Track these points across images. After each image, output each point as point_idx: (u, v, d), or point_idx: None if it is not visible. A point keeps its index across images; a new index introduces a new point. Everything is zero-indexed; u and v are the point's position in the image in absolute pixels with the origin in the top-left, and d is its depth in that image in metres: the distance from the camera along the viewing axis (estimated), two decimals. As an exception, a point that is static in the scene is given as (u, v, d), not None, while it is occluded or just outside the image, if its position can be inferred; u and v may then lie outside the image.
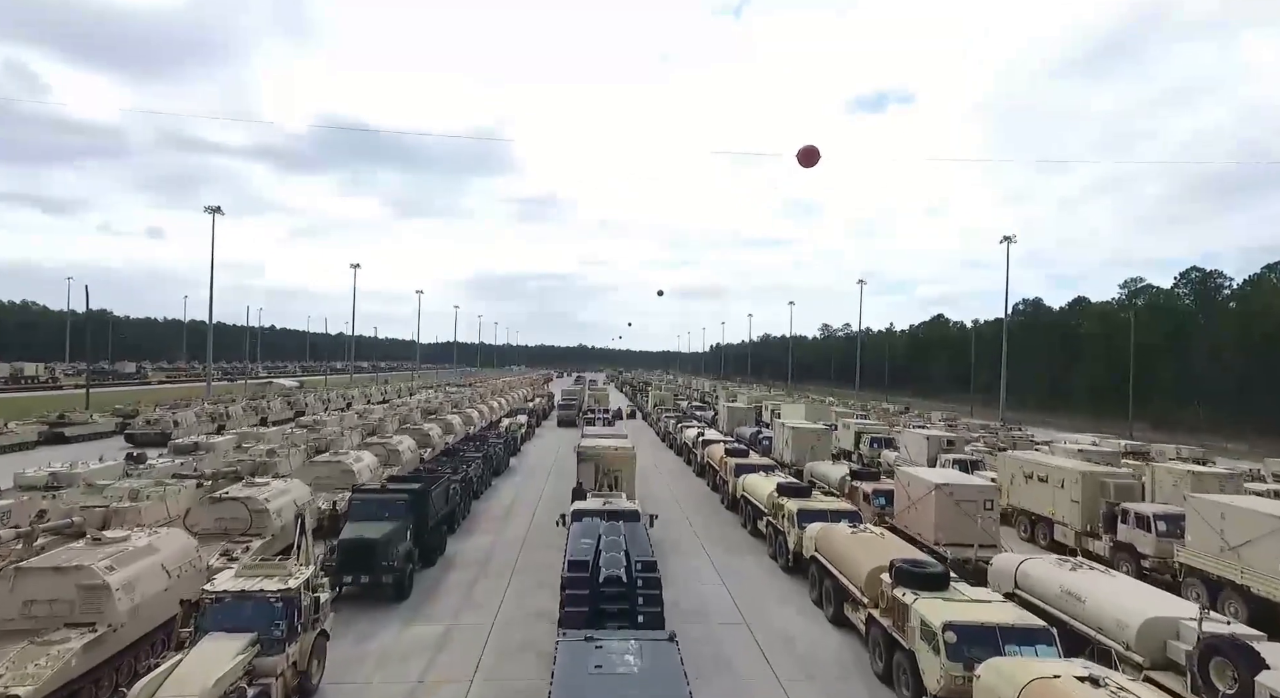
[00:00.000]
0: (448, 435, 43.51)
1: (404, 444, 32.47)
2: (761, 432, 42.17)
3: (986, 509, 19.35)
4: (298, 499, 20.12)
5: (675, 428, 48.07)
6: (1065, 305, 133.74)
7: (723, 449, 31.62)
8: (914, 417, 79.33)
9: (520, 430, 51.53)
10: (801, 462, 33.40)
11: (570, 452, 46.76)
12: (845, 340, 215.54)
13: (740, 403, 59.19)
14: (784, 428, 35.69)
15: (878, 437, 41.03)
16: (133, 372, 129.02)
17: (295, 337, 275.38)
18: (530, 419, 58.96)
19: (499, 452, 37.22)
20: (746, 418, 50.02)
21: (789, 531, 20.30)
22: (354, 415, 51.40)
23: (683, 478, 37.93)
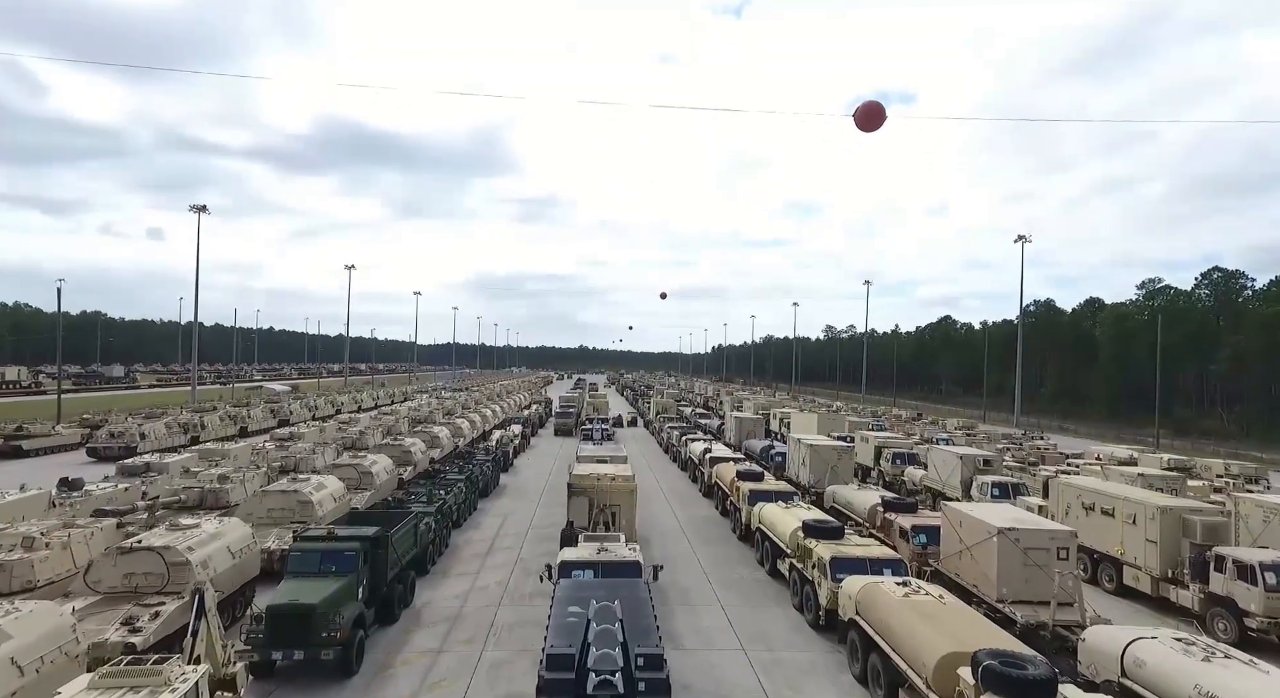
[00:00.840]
0: (433, 450, 40.22)
1: (379, 465, 29.13)
2: (774, 446, 38.82)
3: (1061, 559, 15.99)
4: (234, 545, 16.78)
5: (679, 440, 44.73)
6: (1078, 307, 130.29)
7: (734, 471, 28.27)
8: (927, 423, 76.01)
9: (515, 441, 48.28)
10: (821, 484, 30.05)
11: (566, 464, 43.53)
12: (849, 342, 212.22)
13: (748, 413, 55.84)
14: (800, 446, 32.32)
15: (900, 452, 37.65)
16: (120, 376, 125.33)
17: (295, 338, 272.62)
18: (525, 429, 55.68)
19: (487, 470, 33.93)
20: (755, 429, 46.68)
21: (819, 581, 16.96)
22: (334, 427, 48.06)
23: (689, 499, 34.58)
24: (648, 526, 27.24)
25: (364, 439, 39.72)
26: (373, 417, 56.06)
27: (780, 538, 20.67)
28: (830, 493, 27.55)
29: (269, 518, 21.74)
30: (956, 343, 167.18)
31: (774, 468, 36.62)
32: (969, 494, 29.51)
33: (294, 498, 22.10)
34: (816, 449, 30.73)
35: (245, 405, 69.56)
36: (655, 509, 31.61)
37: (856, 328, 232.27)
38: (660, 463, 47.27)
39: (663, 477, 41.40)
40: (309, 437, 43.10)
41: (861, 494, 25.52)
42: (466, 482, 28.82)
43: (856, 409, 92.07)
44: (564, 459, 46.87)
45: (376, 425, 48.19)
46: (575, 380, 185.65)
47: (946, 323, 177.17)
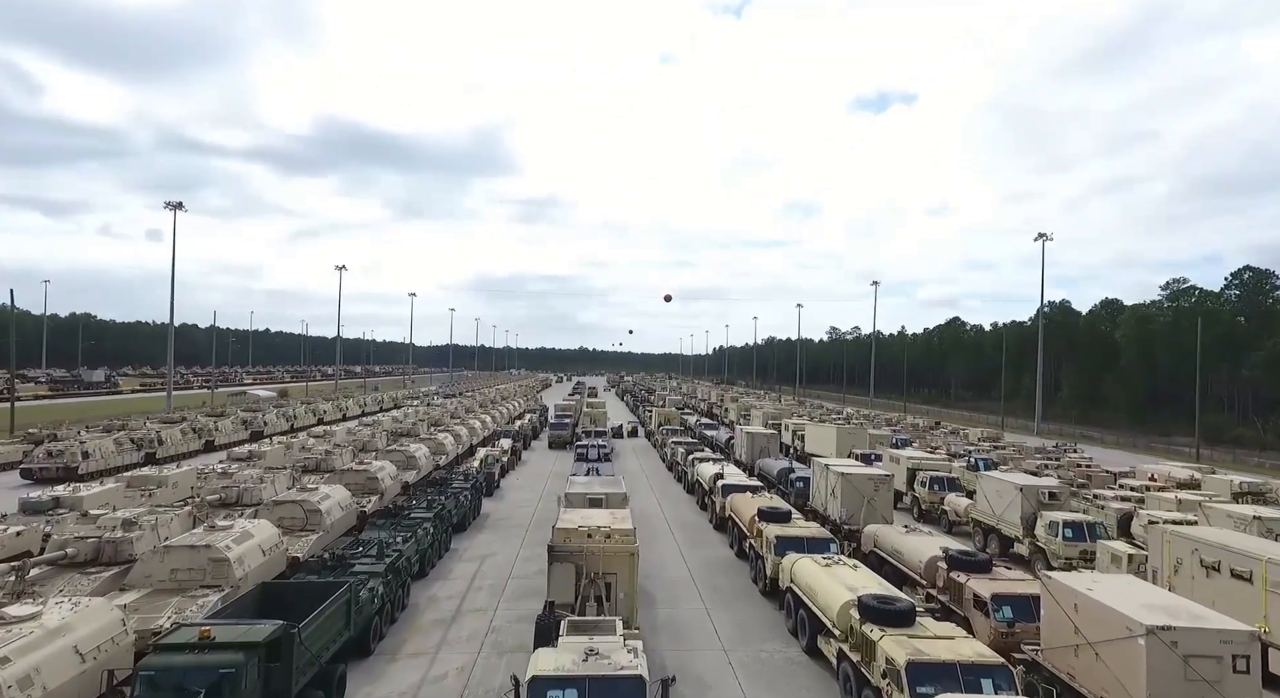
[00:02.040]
0: (408, 471, 35.58)
1: (331, 500, 24.48)
2: (794, 470, 34.14)
3: (1239, 672, 11.37)
4: (82, 644, 12.13)
5: (685, 458, 40.09)
6: (1095, 308, 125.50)
7: (754, 508, 23.66)
8: (948, 433, 71.35)
9: (503, 459, 43.67)
10: (855, 519, 25.43)
11: (561, 484, 38.81)
12: (854, 344, 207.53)
13: (759, 427, 51.16)
14: (828, 473, 27.67)
15: (939, 477, 33.01)
16: (101, 380, 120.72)
17: (291, 340, 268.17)
18: (516, 443, 51.03)
19: (465, 501, 29.28)
20: (769, 446, 42.02)
21: (890, 693, 12.34)
22: (299, 445, 43.38)
23: (699, 534, 29.92)
24: (652, 572, 22.64)
25: (329, 460, 35.09)
26: (350, 430, 51.44)
27: (823, 611, 16.05)
28: (870, 534, 22.90)
29: (172, 582, 17.10)
30: (966, 345, 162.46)
31: (794, 495, 32.01)
32: (1031, 533, 24.88)
33: (204, 555, 17.43)
34: (850, 479, 26.07)
35: (219, 415, 64.98)
36: (660, 548, 26.99)
37: (862, 329, 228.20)
38: (663, 482, 42.64)
39: (667, 501, 36.77)
40: (270, 457, 38.48)
41: (913, 541, 20.85)
42: (435, 520, 24.18)
43: (869, 416, 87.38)
44: (558, 478, 42.28)
45: (349, 442, 43.56)
46: (574, 384, 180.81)
47: (955, 324, 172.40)
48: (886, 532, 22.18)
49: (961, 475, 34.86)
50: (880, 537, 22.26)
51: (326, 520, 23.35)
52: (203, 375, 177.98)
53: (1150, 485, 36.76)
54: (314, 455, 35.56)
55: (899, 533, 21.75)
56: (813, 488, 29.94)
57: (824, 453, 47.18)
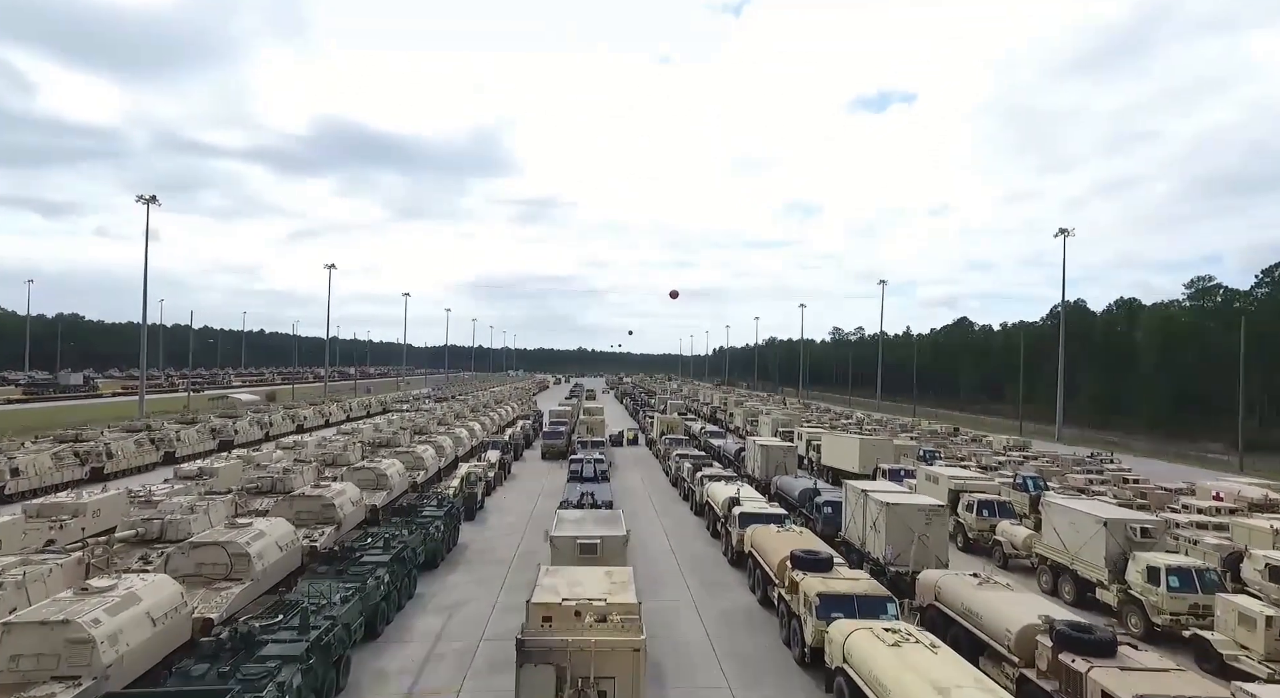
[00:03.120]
0: (377, 493, 31.14)
1: (264, 541, 19.93)
2: (820, 492, 29.62)
3: None
4: None
5: (692, 475, 35.65)
6: (1112, 307, 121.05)
7: (785, 550, 19.21)
8: (969, 440, 66.92)
9: (489, 475, 39.22)
10: (903, 560, 21.00)
11: (554, 502, 34.42)
12: (859, 345, 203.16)
13: (773, 438, 46.65)
14: (867, 502, 23.21)
15: (988, 501, 28.53)
16: (79, 383, 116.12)
17: (287, 341, 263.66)
18: (506, 454, 46.54)
19: (437, 533, 24.80)
20: (786, 460, 37.52)
21: None
22: (258, 461, 38.87)
23: (715, 573, 25.42)
24: (659, 631, 18.10)
25: (286, 481, 30.59)
26: (323, 441, 46.95)
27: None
28: (929, 584, 18.42)
29: (11, 675, 12.65)
30: (975, 347, 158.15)
31: (820, 522, 27.57)
32: (1121, 578, 20.43)
33: (59, 635, 12.96)
34: (897, 511, 21.62)
35: (190, 422, 60.50)
36: (668, 592, 22.54)
37: (866, 329, 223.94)
38: (666, 500, 38.15)
39: (672, 524, 32.28)
40: (223, 475, 33.96)
41: (994, 600, 16.34)
42: (393, 564, 19.70)
43: (883, 421, 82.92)
44: (550, 496, 37.80)
45: (317, 456, 39.09)
46: (572, 386, 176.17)
47: (963, 325, 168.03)
48: (954, 584, 17.67)
49: (1010, 496, 30.45)
50: (946, 590, 17.77)
51: (256, 567, 18.85)
52: (191, 377, 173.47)
53: (1221, 507, 32.40)
54: (269, 475, 31.06)
55: (971, 586, 17.24)
56: (845, 517, 25.48)
57: (844, 466, 42.79)
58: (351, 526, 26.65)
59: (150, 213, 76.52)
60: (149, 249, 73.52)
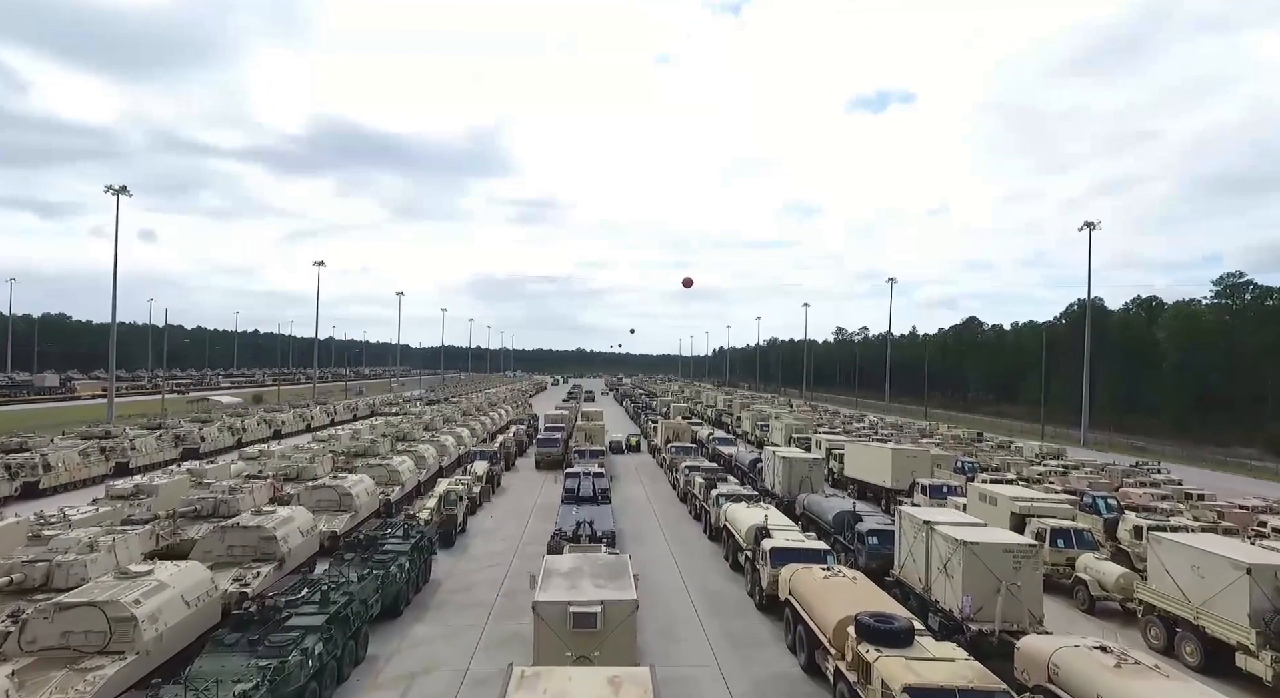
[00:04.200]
0: (337, 518, 26.64)
1: (165, 595, 15.26)
2: (861, 519, 24.92)
3: None
4: None
5: (705, 493, 31.04)
6: (1130, 306, 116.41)
7: (843, 612, 14.64)
8: (995, 446, 62.28)
9: (476, 488, 34.65)
10: (988, 615, 16.42)
11: (546, 522, 30.04)
12: (863, 345, 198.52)
13: (794, 449, 41.83)
14: (935, 537, 18.60)
15: (1063, 529, 23.92)
16: (55, 385, 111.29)
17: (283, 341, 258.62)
18: (495, 465, 41.89)
19: (400, 575, 20.12)
20: (812, 475, 32.83)
21: None
22: (220, 471, 34.24)
23: (741, 622, 20.79)
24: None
25: (229, 504, 25.95)
26: (289, 451, 42.30)
27: None
28: (1043, 661, 13.79)
29: None
30: (984, 346, 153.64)
31: (864, 555, 23.01)
32: (1274, 640, 15.85)
33: None
34: (977, 552, 17.01)
35: (156, 428, 55.82)
36: (687, 651, 17.93)
37: (870, 329, 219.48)
38: (674, 520, 33.51)
39: (684, 552, 27.62)
40: (164, 494, 29.30)
41: (1144, 692, 11.74)
42: (329, 627, 15.05)
43: (899, 425, 78.31)
44: (542, 515, 33.21)
45: (280, 470, 34.47)
46: (570, 387, 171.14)
47: (972, 324, 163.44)
48: (1079, 665, 13.04)
49: (1083, 521, 25.88)
50: (1068, 671, 13.11)
51: (145, 635, 14.18)
52: (179, 379, 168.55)
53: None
54: (212, 496, 26.41)
55: (1106, 669, 12.60)
56: (900, 552, 20.87)
57: (872, 480, 38.23)
58: (298, 562, 22.05)
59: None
60: (118, 243, 68.76)
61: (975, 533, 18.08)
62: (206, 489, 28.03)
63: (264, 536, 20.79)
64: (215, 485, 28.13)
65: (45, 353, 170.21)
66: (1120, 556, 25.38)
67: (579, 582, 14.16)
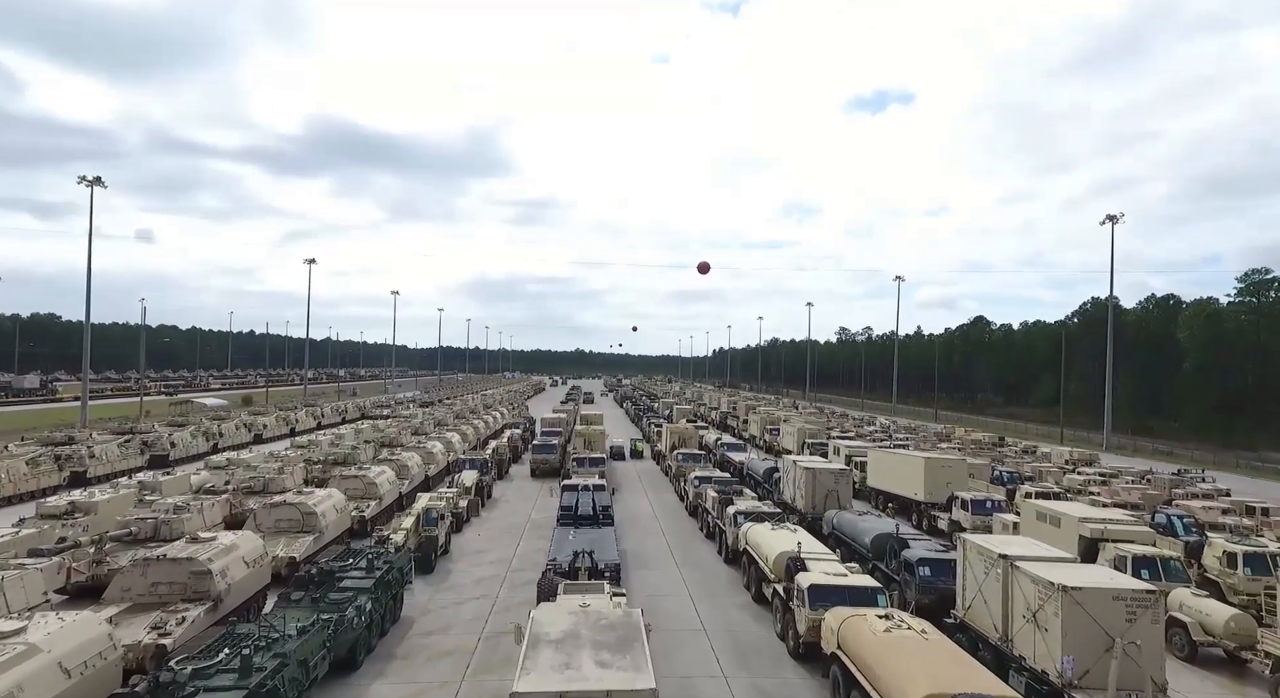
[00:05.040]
0: (298, 541, 23.09)
1: (53, 654, 11.69)
2: (910, 544, 21.23)
3: None
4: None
5: (721, 511, 27.45)
6: (1147, 304, 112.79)
7: (922, 687, 11.03)
8: (1019, 452, 58.66)
9: (461, 503, 31.10)
10: (1096, 681, 12.87)
11: (540, 540, 26.60)
12: (868, 345, 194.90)
13: (817, 459, 38.12)
14: (1015, 577, 15.02)
15: (1148, 557, 20.28)
16: (35, 386, 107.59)
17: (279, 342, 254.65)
18: (486, 475, 38.29)
19: (356, 619, 16.45)
20: (839, 487, 29.20)
21: None
22: (176, 483, 30.57)
23: (774, 670, 17.20)
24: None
25: (175, 525, 22.35)
26: (256, 461, 38.65)
27: None
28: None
29: None
30: (993, 347, 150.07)
31: (915, 586, 19.41)
32: None
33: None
34: (1081, 599, 13.41)
35: (125, 433, 52.24)
36: None
37: (874, 329, 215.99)
38: (685, 538, 29.88)
39: (702, 583, 23.97)
40: (105, 511, 25.67)
41: None
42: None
43: (912, 428, 74.76)
44: (536, 532, 29.59)
45: (244, 482, 30.83)
46: (569, 388, 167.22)
47: (980, 324, 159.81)
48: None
49: (1173, 551, 22.27)
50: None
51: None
52: (174, 380, 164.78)
53: None
54: (150, 519, 22.76)
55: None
56: (965, 588, 17.26)
57: (900, 492, 34.62)
58: (241, 599, 18.41)
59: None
60: (92, 235, 65.32)
61: (1073, 574, 14.46)
62: (149, 507, 24.38)
63: (196, 570, 17.15)
64: (159, 503, 24.45)
65: (36, 354, 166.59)
66: (1206, 585, 21.81)
67: (576, 655, 10.56)
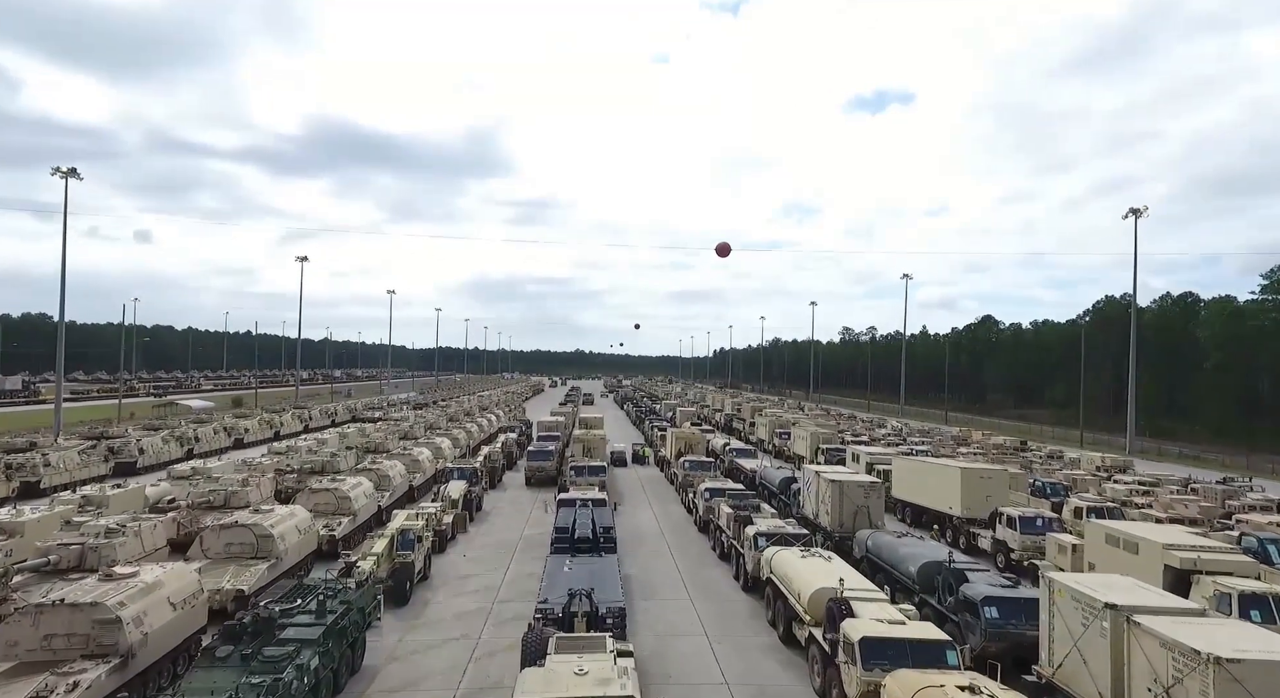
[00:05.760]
0: (255, 565, 19.87)
1: None
2: (969, 581, 17.81)
3: None
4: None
5: (738, 531, 24.14)
6: (1164, 302, 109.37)
7: None
8: (1047, 457, 55.29)
9: (445, 520, 27.82)
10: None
11: (533, 562, 23.64)
12: (872, 345, 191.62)
13: (841, 469, 34.37)
14: (1144, 641, 11.70)
15: (1259, 597, 16.93)
16: (17, 388, 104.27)
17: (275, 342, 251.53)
18: (475, 486, 34.94)
19: (298, 682, 13.10)
20: (870, 505, 25.86)
21: None
22: (125, 498, 27.21)
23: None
24: None
25: (104, 553, 19.07)
26: (247, 464, 35.37)
27: None
28: None
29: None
30: (1003, 346, 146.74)
31: (979, 631, 16.10)
32: None
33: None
34: (1237, 675, 10.10)
35: (95, 438, 48.96)
36: None
37: (878, 329, 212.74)
38: (696, 561, 26.55)
39: (717, 617, 20.65)
40: (31, 533, 22.37)
41: None
42: None
43: (927, 431, 71.48)
44: (529, 552, 26.31)
45: (203, 497, 27.49)
46: (570, 387, 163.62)
47: (988, 323, 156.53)
48: None
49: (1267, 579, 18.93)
50: None
51: None
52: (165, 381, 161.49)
53: None
54: (74, 546, 19.42)
55: None
56: (1052, 640, 13.95)
57: (931, 505, 31.34)
58: (161, 653, 15.09)
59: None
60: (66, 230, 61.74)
61: (1217, 636, 11.14)
62: (78, 529, 21.04)
63: (100, 618, 13.87)
64: (89, 526, 21.09)
65: (27, 354, 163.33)
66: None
67: None
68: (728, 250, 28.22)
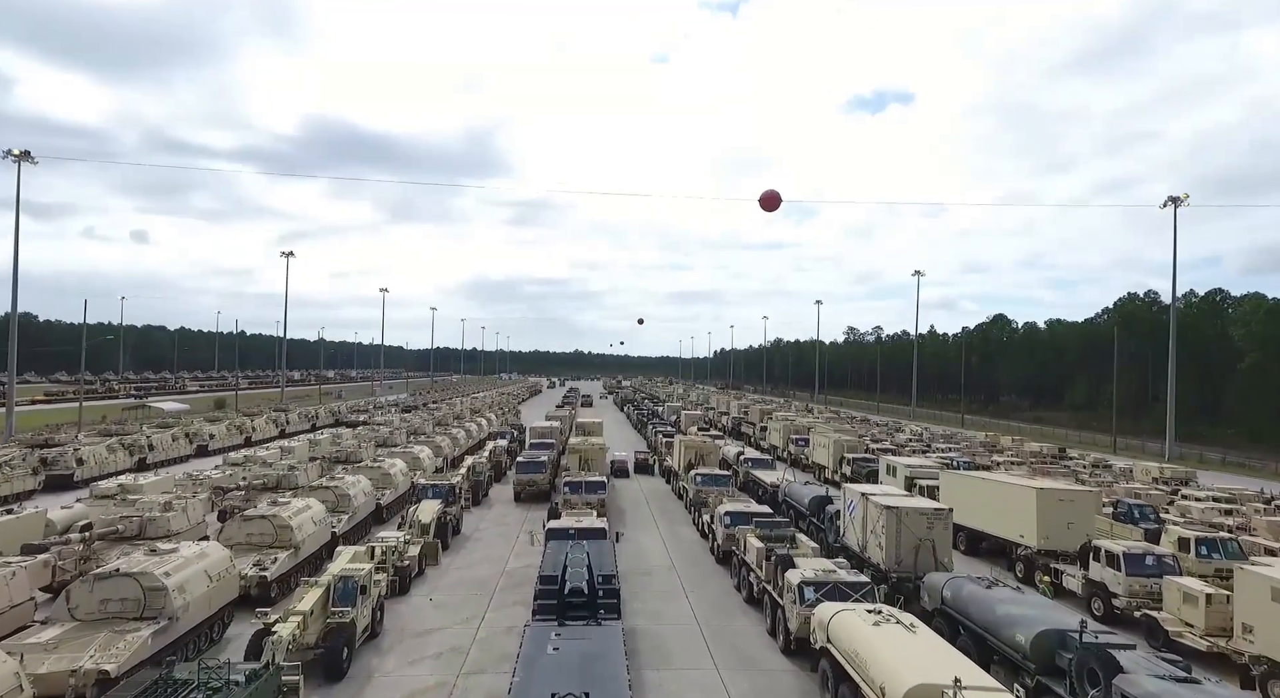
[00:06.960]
0: (135, 630, 14.60)
1: None
2: (1121, 666, 12.71)
3: None
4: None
5: (777, 577, 18.94)
6: (1190, 298, 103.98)
7: None
8: (1093, 467, 49.98)
9: (410, 553, 22.75)
10: None
11: (521, 597, 18.69)
12: (878, 345, 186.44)
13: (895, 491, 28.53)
14: None
15: None
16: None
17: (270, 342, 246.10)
18: (451, 507, 29.67)
19: None
20: (934, 539, 20.68)
21: None
22: (26, 522, 22.02)
23: None
24: None
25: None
26: (191, 476, 30.14)
27: None
28: None
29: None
30: (1017, 346, 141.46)
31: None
32: None
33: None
34: None
35: (37, 445, 43.83)
36: None
37: (884, 329, 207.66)
38: (720, 610, 21.36)
39: (751, 696, 15.56)
40: None
41: None
42: None
43: (950, 435, 66.31)
44: (511, 592, 21.15)
45: (111, 524, 22.28)
46: (566, 391, 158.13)
47: (1001, 322, 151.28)
48: None
49: None
50: None
51: None
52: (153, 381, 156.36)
53: None
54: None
55: None
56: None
57: (994, 532, 26.22)
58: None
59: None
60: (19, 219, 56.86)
61: None
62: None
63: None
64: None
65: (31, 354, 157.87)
66: None
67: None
68: (775, 201, 23.01)
